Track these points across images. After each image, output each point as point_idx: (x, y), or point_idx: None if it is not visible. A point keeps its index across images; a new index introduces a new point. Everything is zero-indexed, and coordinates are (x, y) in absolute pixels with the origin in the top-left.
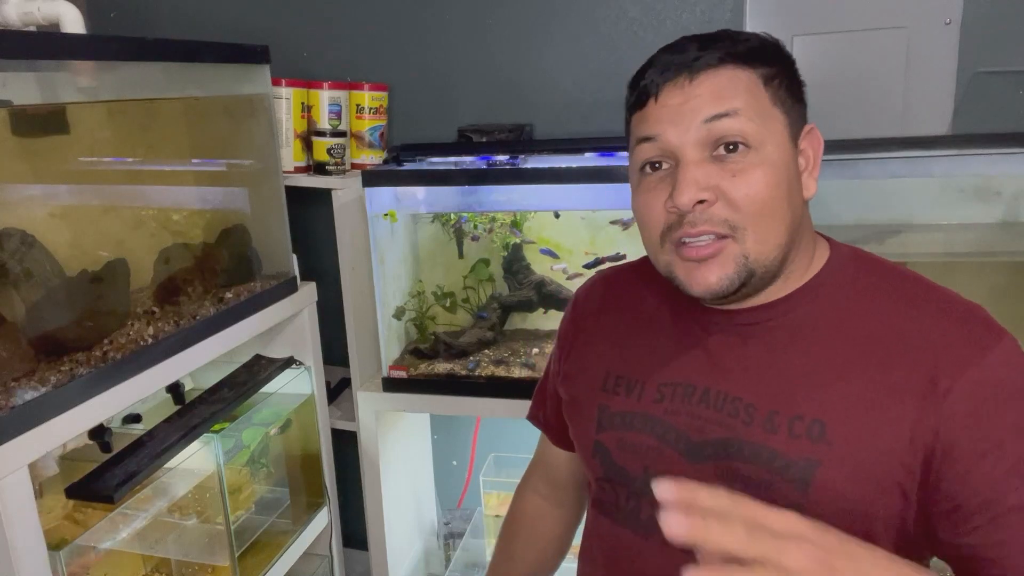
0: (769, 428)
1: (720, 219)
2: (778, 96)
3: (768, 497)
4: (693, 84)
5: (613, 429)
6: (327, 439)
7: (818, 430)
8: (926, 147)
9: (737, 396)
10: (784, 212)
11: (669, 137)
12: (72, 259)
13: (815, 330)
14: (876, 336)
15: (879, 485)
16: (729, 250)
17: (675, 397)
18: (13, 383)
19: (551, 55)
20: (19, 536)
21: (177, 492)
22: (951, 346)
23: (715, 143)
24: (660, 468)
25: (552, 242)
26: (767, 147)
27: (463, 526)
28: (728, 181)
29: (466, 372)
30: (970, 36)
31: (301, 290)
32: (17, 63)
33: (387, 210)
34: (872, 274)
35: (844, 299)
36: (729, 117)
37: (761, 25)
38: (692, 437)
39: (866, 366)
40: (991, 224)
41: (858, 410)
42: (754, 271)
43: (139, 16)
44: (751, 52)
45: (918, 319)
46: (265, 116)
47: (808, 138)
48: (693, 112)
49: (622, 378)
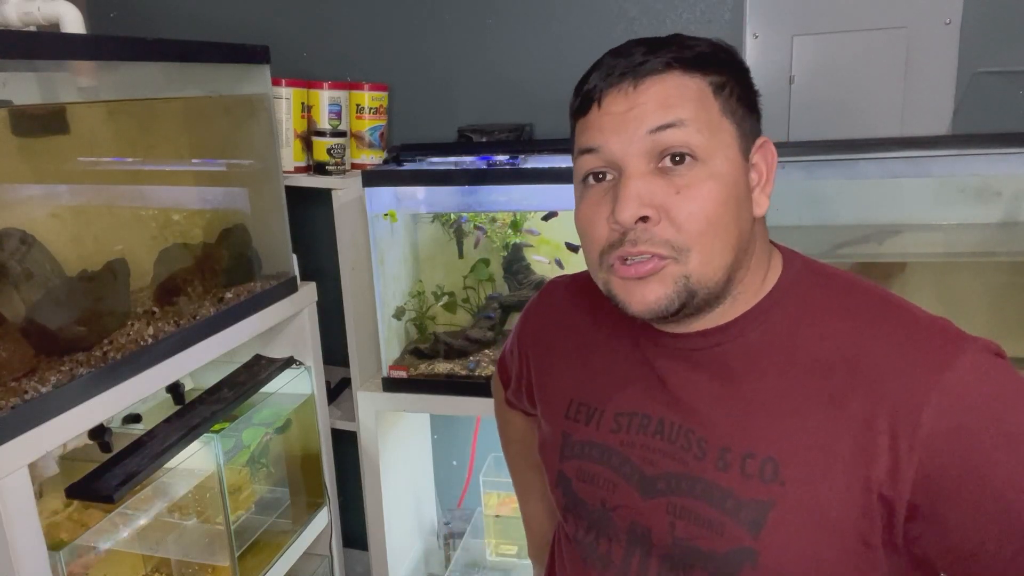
0: (721, 465)
1: (662, 240)
2: (728, 106)
3: (720, 537)
4: (638, 91)
5: (574, 458)
6: (327, 439)
7: (771, 470)
8: (926, 147)
9: (690, 428)
10: (730, 231)
11: (612, 147)
12: (72, 259)
13: (766, 357)
14: (830, 364)
15: (835, 529)
16: (668, 270)
17: (631, 428)
18: (13, 383)
19: (551, 55)
20: (19, 536)
21: (177, 492)
22: (909, 372)
23: (660, 155)
24: (616, 501)
25: (552, 242)
26: (715, 160)
27: (463, 526)
28: (672, 198)
29: (466, 372)
30: (970, 36)
31: (301, 290)
32: (17, 63)
33: (387, 210)
34: (826, 292)
35: (797, 322)
36: (675, 128)
37: (761, 25)
38: (646, 471)
39: (820, 399)
40: (991, 224)
41: (812, 448)
42: (695, 292)
43: (139, 16)
44: (701, 58)
45: (874, 343)
46: (265, 116)
47: (761, 151)
48: (637, 121)
49: (583, 405)
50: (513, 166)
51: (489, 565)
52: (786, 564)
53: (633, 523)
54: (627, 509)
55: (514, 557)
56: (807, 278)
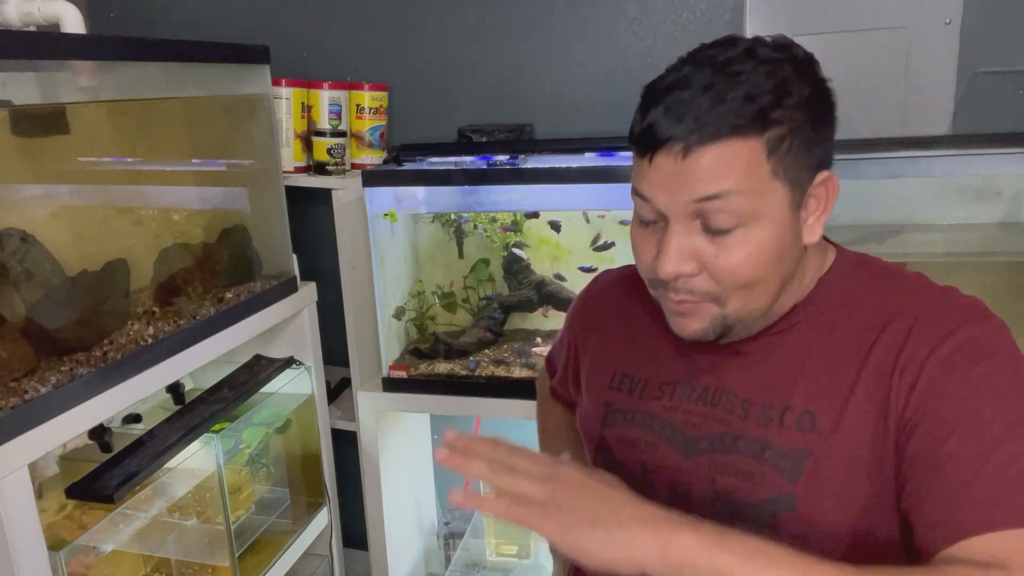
0: (763, 421)
1: (702, 290)
2: (782, 164)
3: (759, 486)
4: (687, 160)
5: (615, 425)
6: (327, 439)
7: (808, 420)
8: (926, 147)
9: (734, 393)
10: (771, 281)
11: (659, 202)
12: (72, 259)
13: (811, 330)
14: (864, 329)
15: (870, 474)
16: (708, 311)
17: (675, 395)
18: (13, 383)
19: (551, 55)
20: (19, 536)
21: (177, 492)
22: (932, 321)
23: (704, 218)
24: (655, 463)
25: (553, 242)
26: (759, 222)
27: (463, 526)
28: (713, 258)
29: (466, 372)
30: (970, 36)
31: (301, 290)
32: (17, 63)
33: (387, 210)
34: (867, 275)
35: (839, 306)
36: (720, 199)
37: (761, 25)
38: (688, 432)
39: (854, 357)
40: (991, 224)
41: (846, 399)
42: (732, 326)
43: (139, 16)
44: (763, 113)
45: (905, 305)
46: (265, 116)
47: (823, 185)
48: (683, 188)
49: (627, 376)
50: (513, 166)
51: (489, 565)
52: (822, 507)
53: (673, 483)
54: (667, 470)
55: (514, 557)
56: (858, 268)
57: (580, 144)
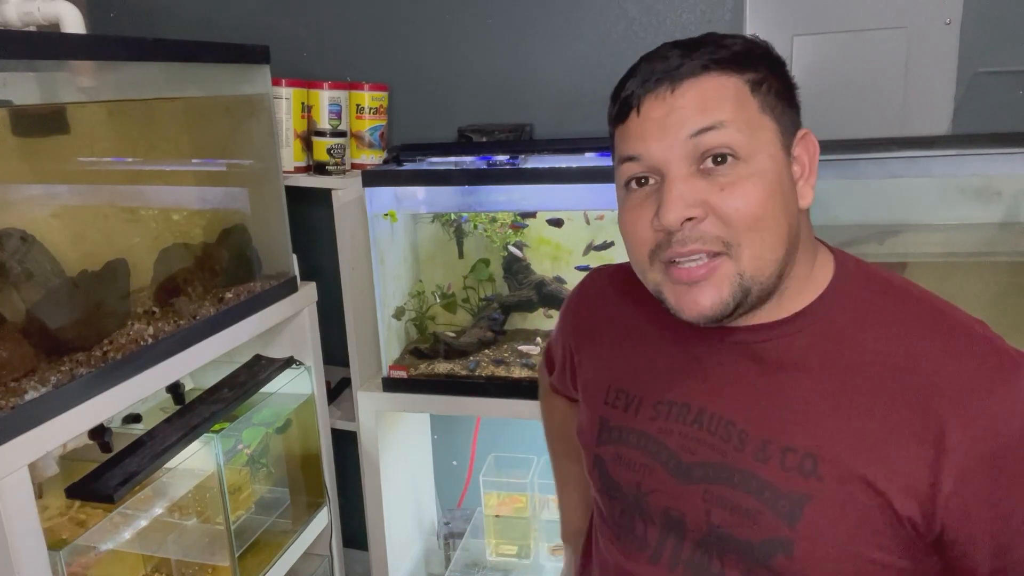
0: (761, 457)
1: (712, 236)
2: (767, 102)
3: (756, 526)
4: (675, 95)
5: (611, 443)
6: (327, 439)
7: (810, 464)
8: (926, 147)
9: (730, 420)
10: (780, 225)
11: (653, 153)
12: (72, 259)
13: (814, 356)
14: (880, 369)
15: (872, 527)
16: (723, 269)
17: (670, 416)
18: (13, 383)
19: (551, 55)
20: (19, 536)
21: (177, 492)
22: (957, 387)
23: (702, 157)
24: (650, 485)
25: (553, 242)
26: (757, 157)
27: (463, 526)
28: (717, 195)
29: (466, 372)
30: (970, 36)
31: (301, 290)
32: (17, 63)
33: (387, 210)
34: (880, 297)
35: (848, 325)
36: (715, 130)
37: (761, 25)
38: (683, 458)
39: (867, 401)
40: (991, 224)
41: (854, 448)
42: (750, 289)
43: (139, 16)
44: (736, 56)
45: (927, 353)
46: (265, 116)
47: (802, 144)
48: (677, 125)
49: (622, 392)
50: (513, 166)
51: (489, 565)
52: (820, 554)
53: (667, 508)
54: (662, 494)
55: (514, 557)
56: (861, 281)
57: (580, 144)
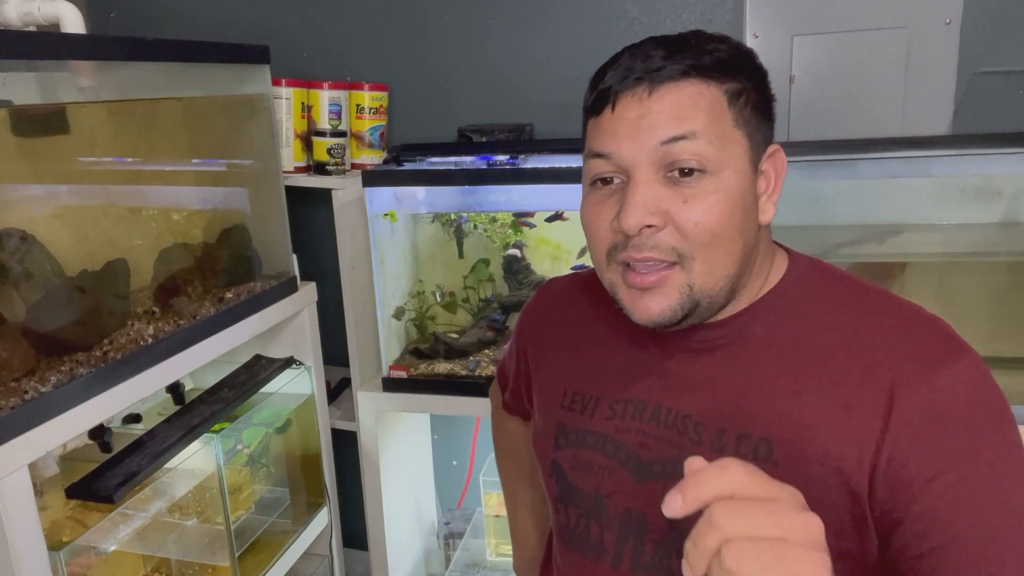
0: (717, 447)
1: (668, 246)
2: (742, 116)
3: None
4: (652, 98)
5: (569, 447)
6: (327, 439)
7: (764, 449)
8: (926, 147)
9: (687, 414)
10: (735, 242)
11: (623, 154)
12: (72, 259)
13: (768, 347)
14: (830, 351)
15: (827, 509)
16: (674, 279)
17: (626, 415)
18: (13, 383)
19: (551, 55)
20: (19, 536)
21: (177, 492)
22: (906, 363)
23: (670, 165)
24: (610, 488)
25: (553, 242)
26: (724, 173)
27: (463, 526)
28: (679, 207)
29: (466, 372)
30: (970, 36)
31: (301, 290)
32: (17, 63)
33: (387, 210)
34: (831, 287)
35: (801, 314)
36: (687, 140)
37: (761, 25)
38: (640, 456)
39: (819, 383)
40: (991, 224)
41: (806, 429)
42: (698, 302)
43: (139, 16)
44: (719, 64)
45: (875, 333)
46: (265, 116)
47: (771, 160)
48: (650, 130)
49: (579, 395)
50: (513, 166)
51: (489, 565)
52: None
53: (627, 510)
54: (621, 495)
55: None
56: (812, 275)
57: (580, 144)
